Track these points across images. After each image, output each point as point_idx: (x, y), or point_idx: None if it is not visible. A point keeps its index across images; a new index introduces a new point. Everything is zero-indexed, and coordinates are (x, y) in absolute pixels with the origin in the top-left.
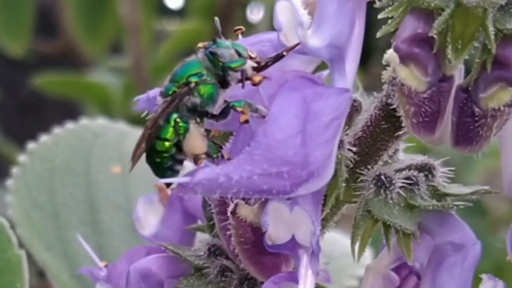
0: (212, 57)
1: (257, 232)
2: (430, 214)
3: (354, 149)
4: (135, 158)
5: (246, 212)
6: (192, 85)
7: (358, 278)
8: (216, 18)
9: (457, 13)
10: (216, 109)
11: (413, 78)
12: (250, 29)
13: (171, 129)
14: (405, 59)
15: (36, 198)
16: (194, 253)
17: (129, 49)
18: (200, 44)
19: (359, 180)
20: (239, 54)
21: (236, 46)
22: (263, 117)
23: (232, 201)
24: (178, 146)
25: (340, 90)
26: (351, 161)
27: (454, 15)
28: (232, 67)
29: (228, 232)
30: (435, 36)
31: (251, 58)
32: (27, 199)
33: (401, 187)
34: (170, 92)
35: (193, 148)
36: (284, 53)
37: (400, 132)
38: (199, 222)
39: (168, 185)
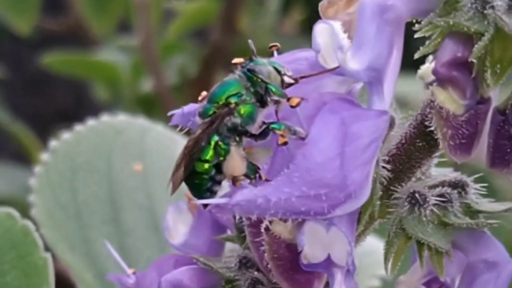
0: (250, 74)
1: (291, 248)
2: (463, 232)
3: (388, 166)
4: (176, 181)
5: (280, 229)
6: (232, 105)
7: (380, 278)
8: (250, 41)
9: (496, 38)
10: (255, 128)
11: (451, 102)
12: (260, 6)
13: (211, 151)
14: (443, 82)
15: (59, 197)
16: (225, 265)
17: (138, 28)
18: (236, 60)
19: (392, 197)
20: (278, 71)
21: (273, 64)
22: (302, 139)
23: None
24: (217, 167)
25: (378, 112)
26: (385, 178)
27: (493, 40)
28: (273, 91)
29: (261, 248)
30: (473, 60)
31: (287, 76)
32: (50, 198)
33: (434, 205)
34: (210, 113)
35: (233, 170)
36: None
37: (436, 153)
38: (229, 232)
39: (205, 205)
